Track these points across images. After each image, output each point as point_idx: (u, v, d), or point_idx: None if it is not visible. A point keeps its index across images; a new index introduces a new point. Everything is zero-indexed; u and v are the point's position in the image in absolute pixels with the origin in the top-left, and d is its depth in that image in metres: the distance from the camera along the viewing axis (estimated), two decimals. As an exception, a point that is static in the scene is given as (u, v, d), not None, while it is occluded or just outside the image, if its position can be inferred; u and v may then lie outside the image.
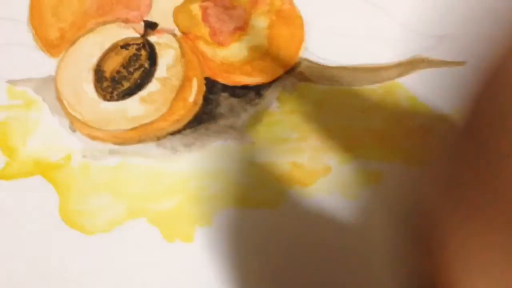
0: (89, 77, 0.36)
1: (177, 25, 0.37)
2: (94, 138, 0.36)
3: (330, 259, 0.32)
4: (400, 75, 0.37)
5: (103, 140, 0.35)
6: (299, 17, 0.38)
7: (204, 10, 0.37)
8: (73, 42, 0.37)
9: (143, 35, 0.37)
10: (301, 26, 0.38)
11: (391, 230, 0.33)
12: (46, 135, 0.36)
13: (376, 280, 0.32)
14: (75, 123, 0.36)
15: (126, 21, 0.37)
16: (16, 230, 0.33)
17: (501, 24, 0.37)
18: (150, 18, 0.37)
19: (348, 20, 0.38)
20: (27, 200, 0.34)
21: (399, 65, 0.37)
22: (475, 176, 0.16)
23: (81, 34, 0.37)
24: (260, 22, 0.37)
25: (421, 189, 0.19)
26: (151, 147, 0.36)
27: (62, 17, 0.38)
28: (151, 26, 0.37)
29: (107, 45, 0.37)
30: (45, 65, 0.38)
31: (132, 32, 0.37)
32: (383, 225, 0.33)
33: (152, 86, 0.35)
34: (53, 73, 0.37)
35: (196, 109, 0.36)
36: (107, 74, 0.36)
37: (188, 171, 0.35)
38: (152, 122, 0.35)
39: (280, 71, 0.37)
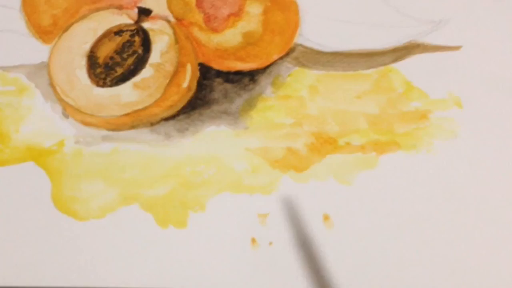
0: (82, 63, 0.36)
1: (171, 11, 0.37)
2: (87, 124, 0.35)
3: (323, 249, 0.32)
4: (395, 60, 0.37)
5: (96, 126, 0.35)
6: (294, 3, 0.37)
7: (198, -5, 0.37)
8: (66, 29, 0.37)
9: (137, 21, 0.36)
10: (296, 11, 0.37)
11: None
12: (39, 121, 0.36)
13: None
14: (68, 109, 0.35)
15: (120, 7, 0.37)
16: (8, 216, 0.33)
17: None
18: (144, 4, 0.37)
19: (344, 5, 0.38)
20: (19, 186, 0.34)
21: (394, 50, 0.37)
22: None
23: (74, 21, 0.37)
24: (255, 7, 0.36)
25: None
26: (144, 133, 0.35)
27: (55, 4, 0.38)
28: (144, 12, 0.37)
29: (101, 31, 0.36)
30: (38, 51, 0.37)
31: (125, 19, 0.36)
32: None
33: (146, 72, 0.35)
34: (46, 60, 0.37)
35: (190, 94, 0.36)
36: (100, 60, 0.36)
37: (182, 157, 0.34)
38: (145, 108, 0.34)
39: (274, 57, 0.37)
